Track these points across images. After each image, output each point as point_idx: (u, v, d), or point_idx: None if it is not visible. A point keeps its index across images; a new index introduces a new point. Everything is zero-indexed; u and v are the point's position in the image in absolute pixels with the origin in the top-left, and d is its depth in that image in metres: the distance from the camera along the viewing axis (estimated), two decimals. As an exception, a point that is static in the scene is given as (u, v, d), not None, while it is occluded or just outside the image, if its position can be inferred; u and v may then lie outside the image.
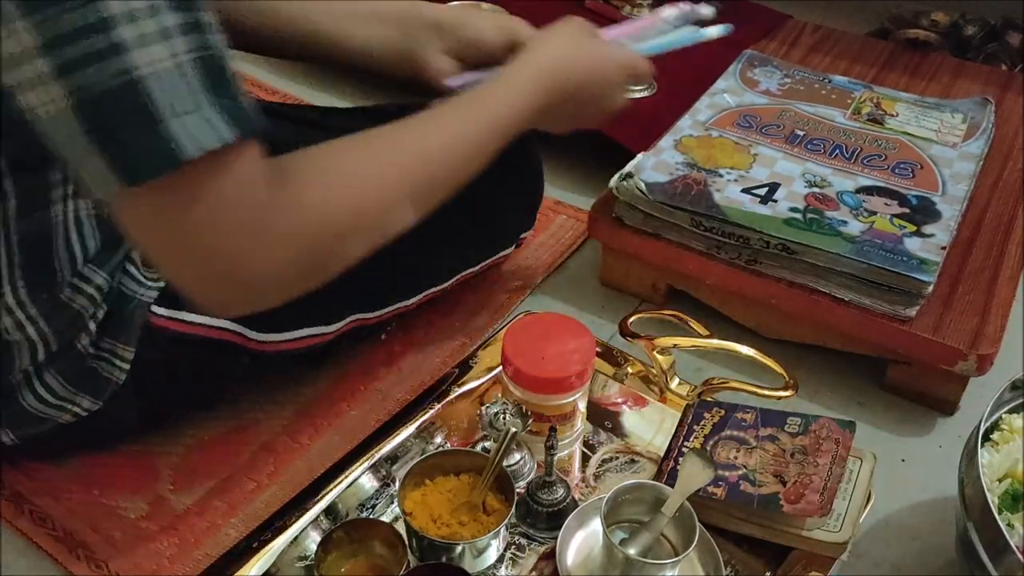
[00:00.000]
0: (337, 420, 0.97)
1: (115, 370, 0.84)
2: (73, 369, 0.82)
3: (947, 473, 0.84)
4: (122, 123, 0.56)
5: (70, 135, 0.56)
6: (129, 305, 0.82)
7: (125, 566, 0.83)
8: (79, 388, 0.83)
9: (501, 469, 0.80)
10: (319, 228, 0.66)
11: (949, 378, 0.98)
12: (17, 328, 0.78)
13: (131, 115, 0.56)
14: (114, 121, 0.56)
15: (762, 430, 0.86)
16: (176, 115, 0.56)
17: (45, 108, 0.56)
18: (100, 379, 0.83)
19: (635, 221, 1.07)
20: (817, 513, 0.77)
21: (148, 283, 0.83)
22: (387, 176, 0.71)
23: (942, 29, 1.53)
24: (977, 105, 1.24)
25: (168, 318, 0.84)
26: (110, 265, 0.82)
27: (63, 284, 0.79)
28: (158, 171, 0.57)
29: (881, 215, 1.03)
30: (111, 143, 0.56)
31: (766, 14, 1.57)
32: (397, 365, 1.04)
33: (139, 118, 0.56)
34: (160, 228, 0.61)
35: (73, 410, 0.84)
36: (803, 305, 1.00)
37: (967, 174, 1.11)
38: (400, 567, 0.75)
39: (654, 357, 0.94)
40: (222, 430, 0.95)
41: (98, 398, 0.84)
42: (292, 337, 0.91)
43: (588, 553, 0.80)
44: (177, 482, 0.91)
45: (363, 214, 0.69)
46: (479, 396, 0.95)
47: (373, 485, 0.87)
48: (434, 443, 0.91)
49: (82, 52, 0.54)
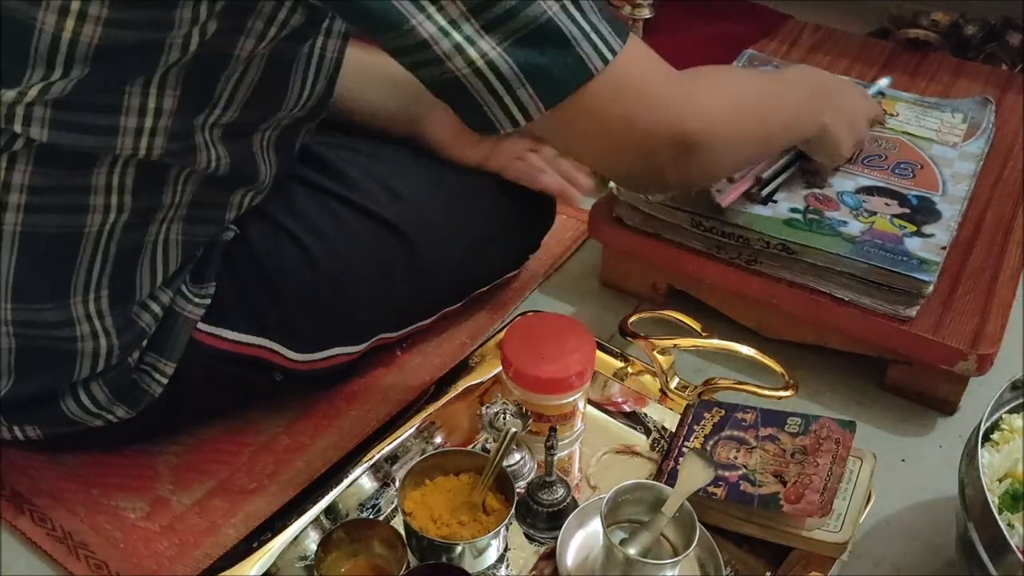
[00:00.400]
0: (337, 420, 0.97)
1: (153, 383, 0.85)
2: (118, 381, 0.83)
3: (947, 473, 0.84)
4: (546, 52, 0.67)
5: (497, 77, 0.67)
6: (177, 322, 0.84)
7: (125, 566, 0.83)
8: (120, 399, 0.84)
9: (501, 469, 0.80)
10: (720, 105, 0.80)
11: (949, 378, 0.98)
12: (92, 337, 0.79)
13: (552, 45, 0.67)
14: (540, 52, 0.67)
15: (762, 430, 0.86)
16: (585, 36, 0.68)
17: (472, 65, 0.66)
18: (139, 391, 0.84)
19: (635, 221, 1.07)
20: (817, 513, 0.77)
21: (196, 300, 0.85)
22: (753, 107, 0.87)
23: (942, 29, 1.53)
24: (977, 105, 1.24)
25: (210, 334, 0.86)
26: (174, 286, 0.84)
27: (137, 302, 0.81)
28: (576, 83, 0.69)
29: (881, 215, 1.03)
30: (539, 71, 0.67)
31: (766, 14, 1.57)
32: (397, 365, 1.04)
33: (559, 45, 0.67)
34: (587, 132, 0.73)
35: (107, 418, 0.85)
36: (803, 305, 1.00)
37: (967, 174, 1.11)
38: (400, 567, 0.75)
39: (654, 357, 0.94)
40: (222, 430, 0.95)
41: (133, 409, 0.85)
42: (323, 356, 0.92)
43: (588, 553, 0.80)
44: (177, 482, 0.91)
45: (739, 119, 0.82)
46: (479, 396, 0.95)
47: (373, 485, 0.87)
48: (434, 443, 0.91)
49: (507, 6, 0.65)
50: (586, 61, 0.68)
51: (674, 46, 1.46)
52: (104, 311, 0.79)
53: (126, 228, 0.77)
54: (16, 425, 0.85)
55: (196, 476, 0.91)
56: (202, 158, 0.78)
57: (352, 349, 0.95)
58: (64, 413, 0.83)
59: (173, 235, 0.81)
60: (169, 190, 0.78)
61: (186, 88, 0.72)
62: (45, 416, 0.84)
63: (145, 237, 0.79)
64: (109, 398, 0.83)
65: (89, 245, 0.76)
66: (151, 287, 0.82)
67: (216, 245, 0.86)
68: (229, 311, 0.86)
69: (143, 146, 0.73)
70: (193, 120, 0.75)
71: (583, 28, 0.68)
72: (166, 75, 0.70)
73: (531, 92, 0.68)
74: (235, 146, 0.80)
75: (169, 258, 0.82)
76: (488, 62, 0.66)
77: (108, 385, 0.83)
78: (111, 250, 0.78)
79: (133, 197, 0.76)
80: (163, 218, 0.79)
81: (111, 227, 0.77)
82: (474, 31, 0.65)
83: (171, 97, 0.72)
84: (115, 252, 0.78)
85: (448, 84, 0.68)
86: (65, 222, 0.75)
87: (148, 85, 0.70)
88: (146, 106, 0.71)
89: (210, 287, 0.85)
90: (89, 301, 0.78)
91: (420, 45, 0.65)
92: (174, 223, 0.81)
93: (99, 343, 0.80)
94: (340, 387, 1.00)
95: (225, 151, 0.79)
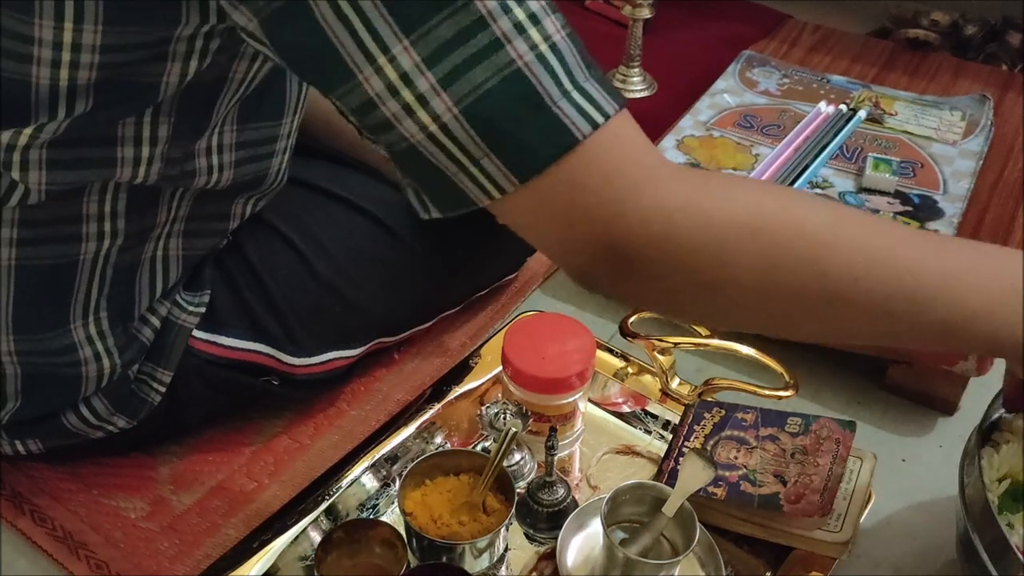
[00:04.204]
0: (337, 420, 0.97)
1: (152, 392, 0.85)
2: (118, 392, 0.83)
3: (947, 473, 0.84)
4: (515, 115, 0.54)
5: (459, 144, 0.54)
6: (173, 331, 0.84)
7: (125, 566, 0.83)
8: (119, 410, 0.84)
9: (501, 469, 0.80)
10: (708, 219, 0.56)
11: (949, 378, 0.97)
12: (95, 359, 0.79)
13: (523, 104, 0.54)
14: (508, 114, 0.54)
15: (762, 430, 0.86)
16: (564, 95, 0.54)
17: (426, 131, 0.54)
18: (137, 400, 0.84)
19: (635, 221, 1.07)
20: (817, 513, 0.77)
21: (191, 308, 0.84)
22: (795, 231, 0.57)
23: (942, 29, 1.53)
24: (975, 102, 1.24)
25: (206, 341, 0.86)
26: (171, 298, 0.84)
27: (138, 317, 0.81)
28: (555, 155, 0.54)
29: (884, 213, 1.03)
30: (506, 138, 0.54)
31: (766, 14, 1.57)
32: (397, 365, 1.03)
33: (531, 105, 0.54)
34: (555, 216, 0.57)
35: (108, 429, 0.85)
36: (803, 305, 1.00)
37: (968, 172, 1.11)
38: (400, 567, 0.75)
39: (654, 357, 0.94)
40: (222, 430, 0.95)
41: (133, 419, 0.85)
42: (320, 360, 0.92)
43: (588, 553, 0.80)
44: (177, 482, 0.91)
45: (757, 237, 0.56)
46: (479, 396, 0.95)
47: (373, 485, 0.87)
48: (434, 443, 0.91)
49: (467, 55, 0.53)
50: (568, 125, 0.54)
51: (674, 46, 1.47)
52: (105, 331, 0.79)
53: (121, 251, 0.77)
54: (17, 440, 0.85)
55: (196, 476, 0.91)
56: (200, 179, 0.77)
57: (349, 353, 0.95)
58: (65, 427, 0.83)
59: (172, 250, 0.81)
60: (164, 209, 0.78)
61: (181, 115, 0.71)
62: (46, 430, 0.84)
63: (142, 255, 0.79)
64: (109, 409, 0.83)
65: (85, 272, 0.76)
66: (150, 300, 0.82)
67: (210, 252, 0.86)
68: (224, 317, 0.86)
69: (140, 174, 0.72)
70: (195, 144, 0.74)
71: (563, 84, 0.55)
72: (160, 105, 0.69)
73: (497, 162, 0.55)
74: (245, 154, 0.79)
75: (169, 272, 0.82)
76: (442, 126, 0.54)
77: (107, 397, 0.83)
78: (108, 272, 0.77)
79: (126, 221, 0.75)
80: (159, 235, 0.79)
81: (106, 252, 0.76)
82: (429, 87, 0.53)
83: (165, 125, 0.71)
84: (112, 274, 0.77)
85: (405, 155, 0.57)
86: (59, 252, 0.74)
87: (143, 116, 0.69)
88: (141, 136, 0.70)
89: (204, 295, 0.85)
90: (89, 324, 0.78)
91: (366, 105, 0.55)
92: (172, 238, 0.80)
93: (102, 364, 0.80)
94: (340, 388, 1.00)
95: (232, 161, 0.78)
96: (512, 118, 0.54)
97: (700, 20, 1.55)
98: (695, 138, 1.16)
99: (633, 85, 1.37)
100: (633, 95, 1.36)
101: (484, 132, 0.54)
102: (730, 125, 1.19)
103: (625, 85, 1.37)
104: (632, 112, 0.58)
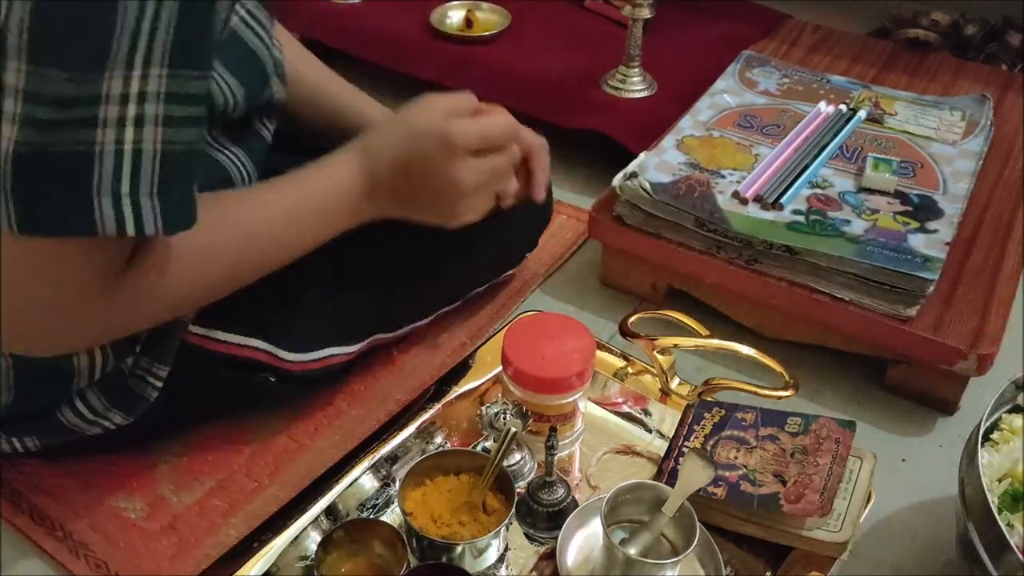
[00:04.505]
0: (337, 420, 0.97)
1: (148, 388, 0.84)
2: (113, 387, 0.83)
3: (947, 473, 0.84)
4: (51, 183, 0.58)
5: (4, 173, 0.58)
6: (168, 325, 0.83)
7: (124, 566, 0.83)
8: (115, 405, 0.84)
9: (501, 469, 0.80)
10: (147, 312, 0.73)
11: (949, 378, 0.98)
12: (87, 351, 0.79)
13: (65, 179, 0.58)
14: (52, 175, 0.58)
15: (762, 430, 0.86)
16: (109, 194, 0.59)
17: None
18: (134, 396, 0.84)
19: (636, 221, 1.07)
20: (817, 513, 0.77)
21: None
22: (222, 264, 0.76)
23: (942, 29, 1.53)
24: (975, 102, 1.24)
25: (202, 336, 0.85)
26: None
27: None
28: (62, 232, 0.60)
29: (884, 213, 1.03)
30: (35, 190, 0.58)
31: (766, 14, 1.57)
32: (397, 365, 1.03)
33: (73, 184, 0.58)
34: (20, 276, 0.62)
35: (105, 425, 0.85)
36: (803, 305, 1.00)
37: (968, 172, 1.11)
38: (400, 567, 0.75)
39: (654, 357, 0.94)
40: (222, 430, 0.95)
41: (130, 415, 0.85)
42: (317, 357, 0.92)
43: (588, 553, 0.80)
44: (177, 482, 0.91)
45: (195, 295, 0.76)
46: (479, 396, 0.95)
47: (373, 485, 0.87)
48: (434, 443, 0.91)
49: (60, 116, 0.56)
50: (95, 218, 0.60)
51: (674, 46, 1.48)
52: None
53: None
54: (15, 437, 0.85)
55: (196, 476, 0.91)
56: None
57: (347, 350, 0.94)
58: (62, 423, 0.83)
59: None
60: None
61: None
62: (43, 427, 0.84)
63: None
64: (104, 404, 0.83)
65: None
66: None
67: None
68: (220, 312, 0.85)
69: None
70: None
71: (120, 185, 0.59)
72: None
73: (12, 204, 0.58)
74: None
75: None
76: (5, 150, 0.57)
77: (104, 392, 0.83)
78: None
79: None
80: None
81: None
82: (18, 112, 0.56)
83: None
84: None
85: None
86: None
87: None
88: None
89: None
90: None
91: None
92: None
93: (94, 354, 0.80)
94: (340, 387, 1.00)
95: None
96: (52, 181, 0.58)
97: (700, 20, 1.56)
98: (695, 138, 1.16)
99: (633, 85, 1.37)
100: (633, 95, 1.37)
101: (18, 173, 0.58)
102: (730, 125, 1.19)
103: (625, 85, 1.37)
104: (632, 112, 0.58)
